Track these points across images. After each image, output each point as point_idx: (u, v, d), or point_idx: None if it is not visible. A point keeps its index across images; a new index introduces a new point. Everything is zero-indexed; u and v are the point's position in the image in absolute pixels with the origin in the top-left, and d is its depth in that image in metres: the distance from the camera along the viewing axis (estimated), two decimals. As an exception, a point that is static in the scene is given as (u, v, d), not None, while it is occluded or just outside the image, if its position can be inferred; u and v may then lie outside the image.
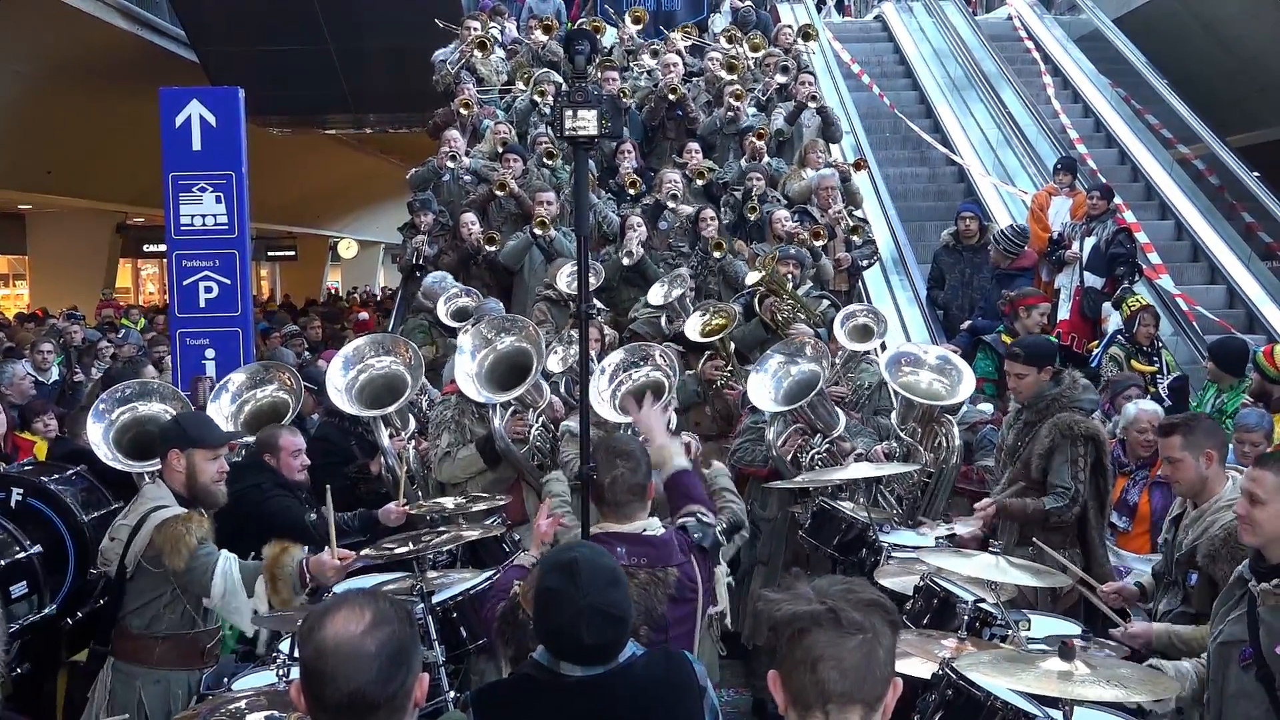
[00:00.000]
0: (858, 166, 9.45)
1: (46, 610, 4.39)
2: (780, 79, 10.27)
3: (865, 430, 5.95)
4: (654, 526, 3.21)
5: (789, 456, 5.59)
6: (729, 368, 6.56)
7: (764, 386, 5.61)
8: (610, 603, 2.50)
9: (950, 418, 5.73)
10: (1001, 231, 8.82)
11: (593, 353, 6.20)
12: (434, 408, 5.91)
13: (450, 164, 9.13)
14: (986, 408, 6.46)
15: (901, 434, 5.74)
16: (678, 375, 5.49)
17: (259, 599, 3.71)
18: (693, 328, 6.77)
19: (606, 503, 3.19)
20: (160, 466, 4.81)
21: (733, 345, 6.66)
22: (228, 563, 3.74)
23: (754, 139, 9.16)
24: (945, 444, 5.68)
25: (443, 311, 7.32)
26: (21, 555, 4.36)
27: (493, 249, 8.24)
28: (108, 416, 4.92)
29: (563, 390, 6.14)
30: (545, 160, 9.05)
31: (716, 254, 8.02)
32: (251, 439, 5.20)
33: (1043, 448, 4.78)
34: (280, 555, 3.75)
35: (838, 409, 5.78)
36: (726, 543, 3.48)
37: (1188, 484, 3.96)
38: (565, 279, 7.48)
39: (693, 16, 12.14)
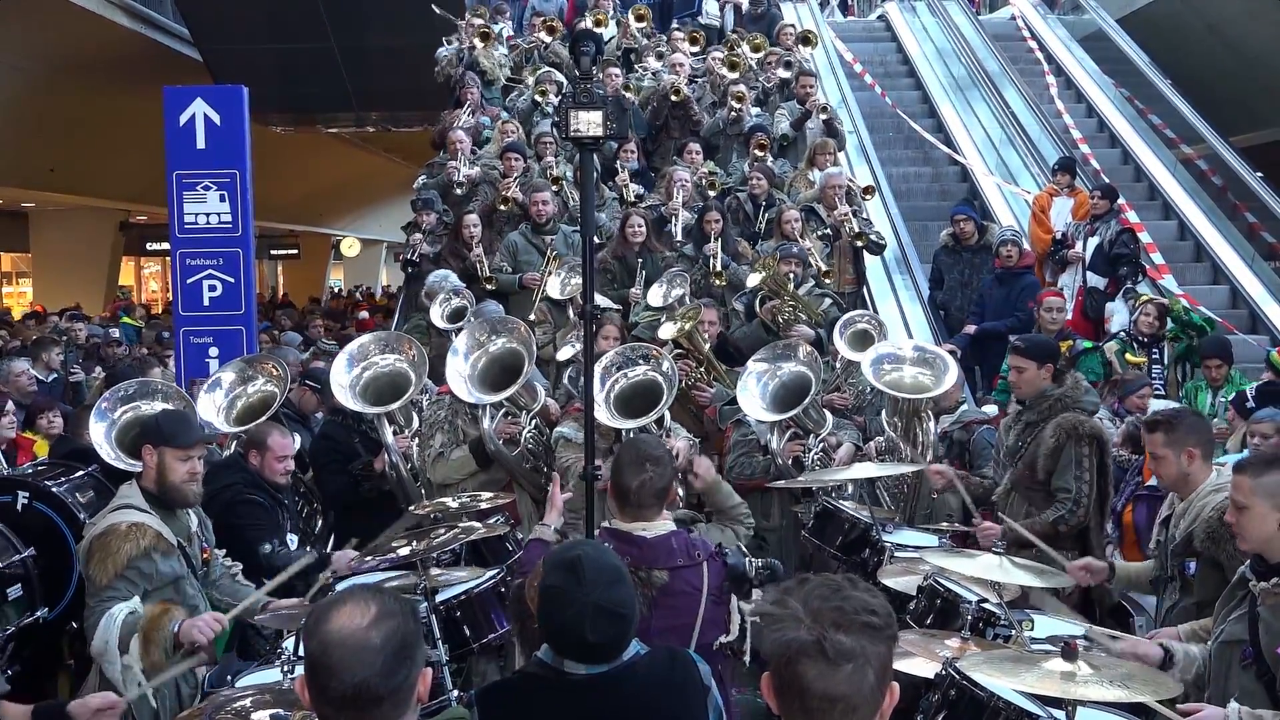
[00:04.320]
0: (868, 192, 9.44)
1: (39, 613, 4.35)
2: (782, 73, 10.26)
3: (847, 424, 5.99)
4: (655, 528, 3.23)
5: (791, 460, 5.62)
6: (701, 368, 6.50)
7: (751, 395, 5.61)
8: (614, 600, 2.51)
9: (929, 413, 5.72)
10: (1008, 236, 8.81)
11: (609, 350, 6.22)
12: (428, 407, 5.92)
13: (458, 191, 9.14)
14: (991, 409, 6.45)
15: (888, 429, 5.78)
16: (676, 376, 5.48)
17: (133, 658, 3.57)
18: (666, 333, 6.74)
19: (630, 504, 3.24)
20: None
21: (707, 344, 6.58)
22: (111, 620, 3.58)
23: (755, 150, 9.13)
24: (921, 440, 5.69)
25: (436, 314, 7.20)
26: (16, 559, 4.33)
27: (491, 287, 8.20)
28: (110, 416, 4.92)
29: (565, 381, 6.14)
30: (553, 184, 8.94)
31: (718, 282, 7.88)
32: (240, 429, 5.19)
33: (1048, 448, 4.74)
34: (159, 617, 3.60)
35: (824, 409, 5.80)
36: (752, 575, 3.38)
37: (1170, 480, 4.04)
38: (556, 285, 7.46)
39: (689, 6, 12.13)
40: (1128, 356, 7.40)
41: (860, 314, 6.75)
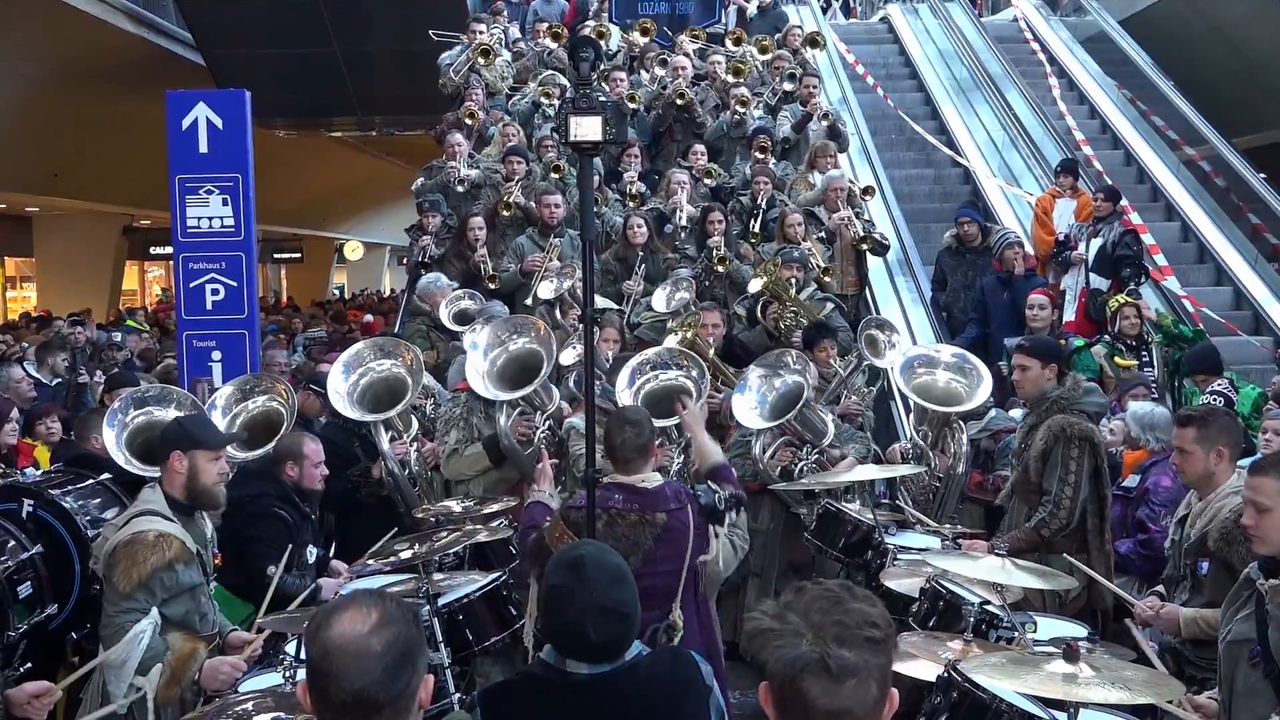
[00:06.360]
0: (867, 192, 9.43)
1: (49, 609, 4.35)
2: (787, 85, 10.27)
3: (856, 434, 5.93)
4: (651, 480, 3.83)
5: (778, 470, 5.56)
6: (708, 374, 6.48)
7: (748, 403, 5.58)
8: (616, 600, 2.52)
9: (961, 423, 5.66)
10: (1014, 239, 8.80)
11: (611, 352, 6.25)
12: (442, 405, 5.95)
13: (460, 188, 9.12)
14: (1017, 414, 6.40)
15: (915, 435, 5.71)
16: (707, 383, 5.46)
17: (149, 682, 3.55)
18: (669, 345, 6.72)
19: (617, 460, 3.83)
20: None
21: (712, 349, 6.56)
22: (137, 639, 3.54)
23: (756, 152, 9.13)
24: (953, 450, 5.64)
25: (444, 314, 7.24)
26: (25, 556, 4.32)
27: (494, 286, 8.19)
28: (121, 419, 4.92)
29: (571, 384, 6.14)
30: (553, 173, 8.97)
31: (720, 268, 7.93)
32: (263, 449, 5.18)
33: (1038, 450, 4.74)
34: (187, 658, 3.61)
35: (827, 417, 5.73)
36: (722, 508, 3.93)
37: (1194, 476, 4.00)
38: (547, 288, 7.44)
39: (706, 19, 12.11)
40: (1117, 360, 7.37)
41: (881, 319, 6.69)
